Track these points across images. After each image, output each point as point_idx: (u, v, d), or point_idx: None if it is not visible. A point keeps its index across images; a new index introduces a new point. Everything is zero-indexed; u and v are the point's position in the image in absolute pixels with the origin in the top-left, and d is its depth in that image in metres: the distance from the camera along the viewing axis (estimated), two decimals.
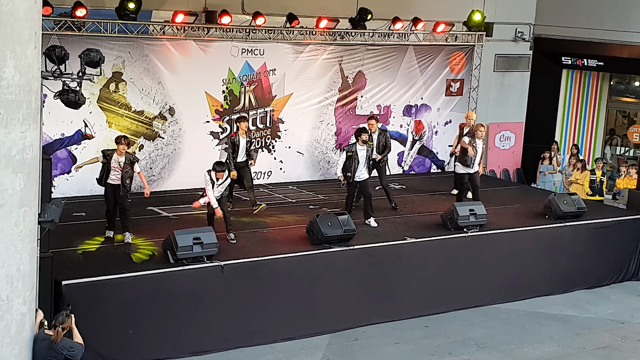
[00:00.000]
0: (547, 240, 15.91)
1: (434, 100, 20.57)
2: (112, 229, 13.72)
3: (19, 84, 8.47)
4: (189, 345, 12.41)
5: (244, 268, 12.88)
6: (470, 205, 15.43)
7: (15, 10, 8.34)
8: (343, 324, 13.68)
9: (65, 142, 16.13)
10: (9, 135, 8.46)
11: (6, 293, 8.69)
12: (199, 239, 12.51)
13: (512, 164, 22.55)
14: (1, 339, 8.72)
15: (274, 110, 18.33)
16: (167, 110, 17.10)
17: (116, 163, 13.41)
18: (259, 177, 18.05)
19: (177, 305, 12.26)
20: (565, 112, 23.04)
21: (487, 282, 15.20)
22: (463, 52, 20.72)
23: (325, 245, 13.71)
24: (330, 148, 19.24)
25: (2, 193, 8.50)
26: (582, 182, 19.35)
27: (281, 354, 12.78)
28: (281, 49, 18.10)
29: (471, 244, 15.05)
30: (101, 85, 16.20)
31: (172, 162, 17.34)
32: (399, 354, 13.05)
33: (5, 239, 8.60)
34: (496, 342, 13.71)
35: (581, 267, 16.28)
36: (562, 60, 22.40)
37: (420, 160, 20.79)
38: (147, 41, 16.54)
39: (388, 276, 14.17)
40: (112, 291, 11.84)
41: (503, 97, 22.31)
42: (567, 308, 15.40)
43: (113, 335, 11.78)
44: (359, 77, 19.38)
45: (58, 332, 9.30)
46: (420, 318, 14.33)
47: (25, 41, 8.49)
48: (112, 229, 13.72)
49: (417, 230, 15.02)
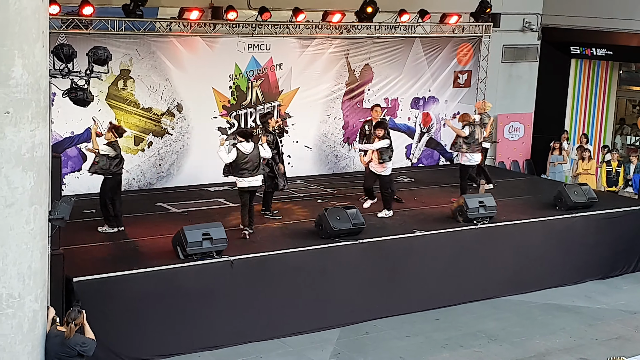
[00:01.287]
0: (557, 231, 15.88)
1: (441, 92, 20.53)
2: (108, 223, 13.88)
3: (28, 82, 8.50)
4: (200, 340, 12.45)
5: (254, 263, 12.90)
6: (480, 197, 15.40)
7: (23, 9, 8.36)
8: (353, 317, 13.69)
9: (75, 140, 16.17)
10: (18, 133, 8.49)
11: (18, 290, 8.73)
12: (208, 234, 12.54)
13: (522, 155, 22.51)
14: (14, 336, 8.77)
15: (281, 105, 18.33)
16: (175, 106, 17.12)
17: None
18: None
19: (188, 300, 12.29)
20: (575, 102, 22.96)
21: (498, 274, 15.18)
22: (470, 43, 20.66)
23: (335, 239, 13.71)
24: (337, 142, 19.23)
25: (13, 191, 8.54)
26: (592, 172, 19.24)
27: (292, 348, 12.80)
28: (287, 43, 18.08)
29: (481, 236, 15.04)
30: (109, 82, 16.23)
31: (180, 159, 17.36)
32: (410, 347, 13.05)
33: (17, 236, 8.64)
34: (507, 334, 13.69)
35: (592, 257, 16.24)
36: (570, 50, 22.31)
37: (429, 153, 20.77)
38: (154, 38, 16.56)
39: (398, 269, 14.17)
40: (123, 287, 11.88)
41: (511, 88, 22.25)
42: (578, 299, 15.37)
43: (124, 331, 11.82)
44: (365, 70, 19.35)
45: (71, 328, 9.35)
46: (431, 311, 14.33)
47: (33, 40, 8.52)
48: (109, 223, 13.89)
49: (427, 223, 15.01)
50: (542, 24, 22.24)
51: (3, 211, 8.50)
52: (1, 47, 8.25)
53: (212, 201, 16.16)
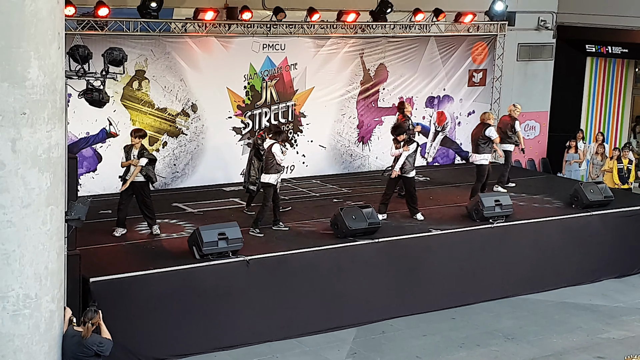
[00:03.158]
0: (574, 230, 15.82)
1: (456, 91, 20.49)
2: (123, 227, 13.72)
3: (44, 83, 8.53)
4: (216, 340, 12.46)
5: (270, 262, 12.91)
6: (496, 195, 15.36)
7: (39, 11, 8.40)
8: (370, 317, 13.68)
9: (91, 141, 16.22)
10: (34, 134, 8.53)
11: (35, 291, 8.76)
12: (224, 234, 12.55)
13: (538, 154, 22.44)
14: (31, 337, 8.80)
15: (295, 104, 18.34)
16: (190, 106, 17.15)
17: (133, 157, 13.49)
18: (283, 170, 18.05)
19: (204, 300, 12.31)
20: (590, 101, 22.87)
21: (514, 272, 15.14)
22: (485, 42, 20.61)
23: (350, 238, 13.70)
24: (352, 141, 19.22)
25: (29, 192, 8.57)
26: (614, 170, 19.14)
27: (308, 347, 12.80)
28: (302, 43, 18.09)
29: (497, 235, 14.99)
30: (124, 83, 16.28)
31: (195, 159, 17.39)
32: (427, 346, 13.03)
33: (33, 237, 8.67)
34: (524, 332, 13.65)
35: (609, 256, 16.17)
36: (585, 48, 22.23)
37: (444, 152, 20.73)
38: (169, 39, 16.60)
39: (414, 268, 14.15)
40: (139, 287, 11.91)
41: (527, 86, 22.18)
42: (595, 297, 15.31)
43: (141, 331, 11.85)
44: (380, 69, 19.34)
45: (88, 327, 9.39)
46: (447, 310, 14.30)
47: (48, 41, 8.55)
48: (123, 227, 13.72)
49: (443, 222, 14.98)
50: (557, 22, 22.15)
51: (20, 212, 8.54)
52: (17, 48, 8.29)
53: (228, 201, 16.18)
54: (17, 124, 8.39)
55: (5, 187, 8.42)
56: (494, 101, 20.84)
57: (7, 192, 8.44)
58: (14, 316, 8.65)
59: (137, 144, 13.51)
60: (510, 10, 20.39)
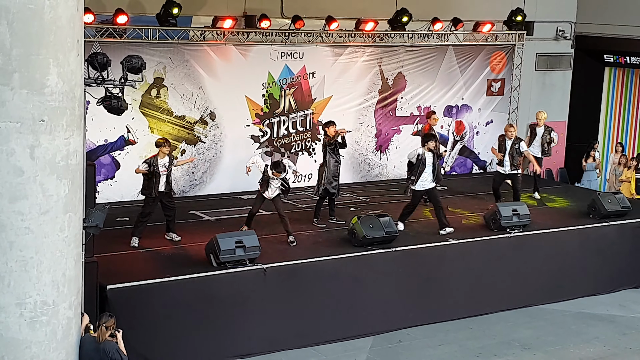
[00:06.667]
0: (591, 240, 15.76)
1: (474, 100, 20.46)
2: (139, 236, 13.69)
3: (63, 91, 8.57)
4: (233, 348, 12.47)
5: (287, 271, 12.92)
6: (513, 205, 15.31)
7: (58, 18, 8.45)
8: (386, 326, 13.66)
9: (109, 148, 16.28)
10: (53, 141, 8.56)
11: (52, 298, 8.79)
12: (241, 242, 12.57)
13: (555, 164, 22.34)
14: (48, 344, 8.82)
15: (313, 113, 18.36)
16: (208, 114, 17.20)
17: (162, 167, 13.50)
18: (299, 179, 18.07)
19: (221, 308, 12.32)
20: (609, 111, 22.79)
21: (532, 282, 15.09)
22: (504, 51, 20.58)
23: (367, 247, 13.69)
24: (370, 150, 19.22)
25: (47, 199, 8.61)
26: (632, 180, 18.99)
27: (325, 356, 12.79)
28: (320, 51, 18.12)
29: (515, 245, 14.94)
30: (143, 91, 16.34)
31: (213, 166, 17.43)
32: (443, 356, 12.99)
33: (51, 244, 8.70)
34: (541, 343, 13.59)
35: (627, 266, 16.09)
36: (604, 58, 22.15)
37: (462, 161, 20.69)
38: (187, 47, 16.66)
39: (431, 278, 14.12)
40: (156, 295, 11.94)
41: (545, 96, 22.12)
42: (613, 308, 15.24)
43: (157, 338, 11.87)
44: (398, 78, 19.33)
45: (102, 331, 9.36)
46: (464, 319, 14.26)
47: (67, 49, 8.60)
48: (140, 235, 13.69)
49: (460, 231, 14.94)
50: (575, 32, 22.10)
51: (38, 219, 8.57)
52: (36, 55, 8.34)
53: (245, 209, 16.17)
54: (35, 131, 8.43)
55: (23, 193, 8.46)
56: (512, 111, 20.79)
57: (26, 198, 8.48)
58: (31, 323, 8.68)
59: (163, 155, 13.55)
60: (529, 20, 20.36)
